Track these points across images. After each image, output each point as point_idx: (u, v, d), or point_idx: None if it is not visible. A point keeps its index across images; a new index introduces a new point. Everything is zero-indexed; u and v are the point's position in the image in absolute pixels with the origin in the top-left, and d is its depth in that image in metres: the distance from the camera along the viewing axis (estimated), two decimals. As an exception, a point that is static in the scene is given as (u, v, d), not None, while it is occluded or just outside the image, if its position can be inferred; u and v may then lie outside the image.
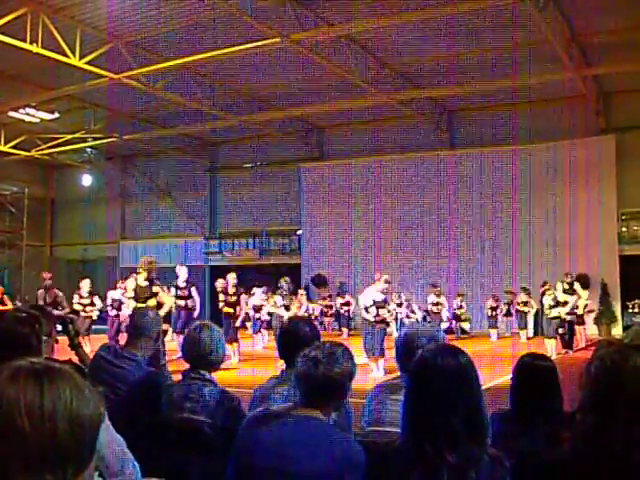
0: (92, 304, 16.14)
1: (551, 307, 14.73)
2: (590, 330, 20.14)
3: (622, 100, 20.76)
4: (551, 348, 14.15)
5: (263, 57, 17.35)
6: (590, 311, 16.70)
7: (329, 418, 2.56)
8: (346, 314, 21.67)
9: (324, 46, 16.43)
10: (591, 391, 1.73)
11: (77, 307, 15.79)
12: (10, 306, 14.30)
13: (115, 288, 16.90)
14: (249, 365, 12.74)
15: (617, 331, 19.50)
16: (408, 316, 18.84)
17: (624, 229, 20.86)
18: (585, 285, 19.88)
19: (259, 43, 15.52)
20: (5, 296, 15.17)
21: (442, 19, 15.29)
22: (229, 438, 2.71)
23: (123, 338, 4.35)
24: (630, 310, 19.89)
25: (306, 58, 17.04)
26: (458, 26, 15.81)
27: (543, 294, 15.42)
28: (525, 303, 18.77)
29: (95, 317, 16.35)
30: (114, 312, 16.02)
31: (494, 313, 19.78)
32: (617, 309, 20.24)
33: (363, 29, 15.71)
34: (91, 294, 16.27)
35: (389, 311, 12.16)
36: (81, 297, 16.07)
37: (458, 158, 22.81)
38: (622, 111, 20.76)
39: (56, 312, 13.15)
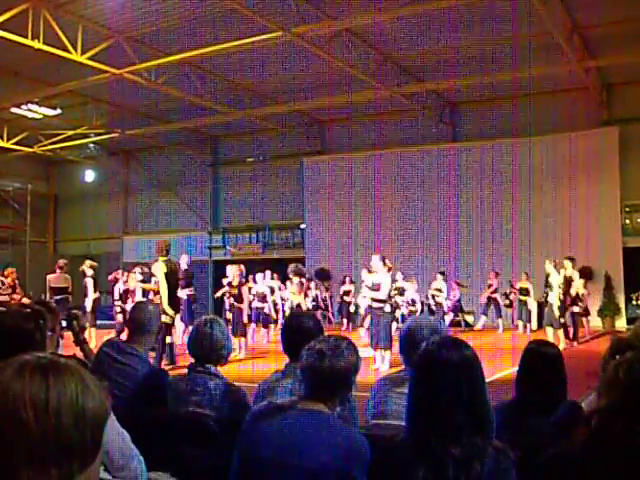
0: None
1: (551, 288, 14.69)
2: (594, 322, 20.18)
3: (625, 91, 20.69)
4: (554, 337, 14.07)
5: (265, 51, 17.31)
6: (578, 298, 16.39)
7: (334, 411, 2.56)
8: (347, 305, 21.48)
9: (326, 40, 16.39)
10: (620, 396, 1.72)
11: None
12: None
13: (116, 281, 16.84)
14: (254, 360, 12.74)
15: (621, 323, 19.49)
16: (408, 305, 17.98)
17: (627, 221, 20.81)
18: (586, 276, 19.95)
19: (261, 37, 15.49)
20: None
21: (444, 12, 15.23)
22: (235, 431, 2.72)
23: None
24: (634, 302, 19.83)
25: (308, 52, 17.00)
26: (460, 18, 15.75)
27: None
28: (526, 290, 18.56)
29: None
30: (119, 307, 15.97)
31: (493, 295, 19.45)
32: (621, 301, 20.21)
33: (365, 22, 15.67)
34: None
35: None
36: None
37: (460, 151, 22.76)
38: (625, 103, 20.69)
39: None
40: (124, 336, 4.59)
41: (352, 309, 20.47)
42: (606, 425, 1.74)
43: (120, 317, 15.50)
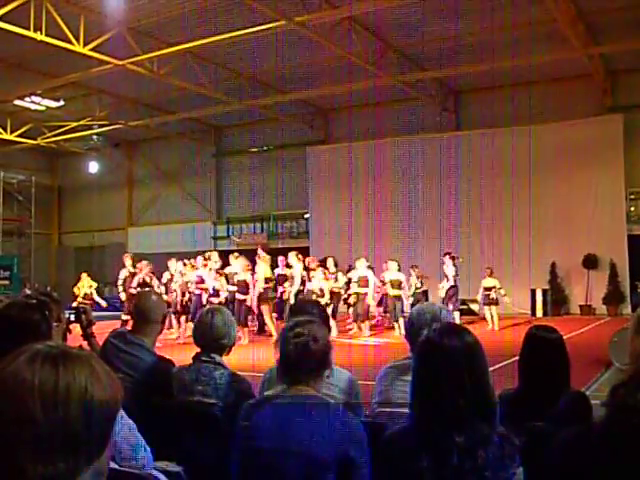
0: None
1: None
2: (599, 310, 20.16)
3: (629, 78, 20.57)
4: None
5: (267, 40, 17.22)
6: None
7: (320, 391, 2.58)
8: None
9: (328, 28, 16.32)
10: None
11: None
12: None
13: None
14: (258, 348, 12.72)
15: (626, 311, 19.45)
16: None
17: (632, 209, 20.73)
18: (590, 264, 19.98)
19: (263, 26, 15.42)
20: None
21: (447, -1, 15.19)
22: (240, 421, 2.73)
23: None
24: (639, 290, 19.80)
25: (310, 41, 16.93)
26: (462, 5, 15.65)
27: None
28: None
29: None
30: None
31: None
32: (626, 289, 20.17)
33: (367, 10, 15.59)
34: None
35: None
36: None
37: (464, 139, 22.64)
38: (629, 90, 20.57)
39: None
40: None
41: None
42: (633, 397, 1.75)
43: None
